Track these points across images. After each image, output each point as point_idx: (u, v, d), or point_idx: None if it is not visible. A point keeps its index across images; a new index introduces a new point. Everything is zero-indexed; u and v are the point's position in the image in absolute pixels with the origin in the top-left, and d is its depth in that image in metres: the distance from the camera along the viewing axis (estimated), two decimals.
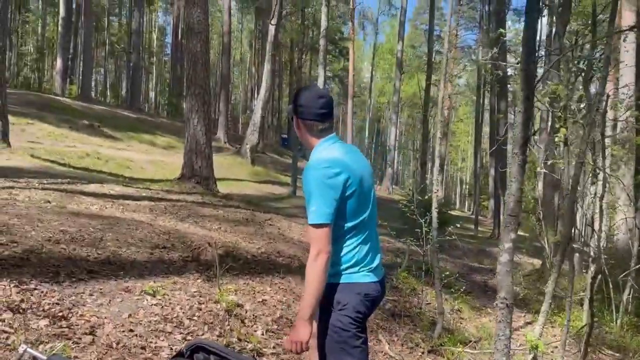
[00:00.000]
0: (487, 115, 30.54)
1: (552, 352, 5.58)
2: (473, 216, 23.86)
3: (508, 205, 2.67)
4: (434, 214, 5.17)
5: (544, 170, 6.62)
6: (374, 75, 55.81)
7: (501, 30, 6.11)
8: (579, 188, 6.84)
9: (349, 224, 2.21)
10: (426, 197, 7.23)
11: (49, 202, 5.84)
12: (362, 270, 2.25)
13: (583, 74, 6.24)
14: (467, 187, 51.12)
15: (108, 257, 4.37)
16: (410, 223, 8.54)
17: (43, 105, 20.19)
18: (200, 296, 4.18)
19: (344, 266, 2.22)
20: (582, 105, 6.18)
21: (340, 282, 2.21)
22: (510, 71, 15.91)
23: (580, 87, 6.46)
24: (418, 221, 6.00)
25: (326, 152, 2.20)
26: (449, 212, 16.48)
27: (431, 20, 22.30)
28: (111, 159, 16.36)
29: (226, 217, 7.47)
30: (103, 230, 5.01)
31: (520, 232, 13.88)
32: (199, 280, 4.51)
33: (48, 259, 3.96)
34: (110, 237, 4.89)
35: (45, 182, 7.69)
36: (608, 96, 6.60)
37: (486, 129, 32.10)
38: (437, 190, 5.39)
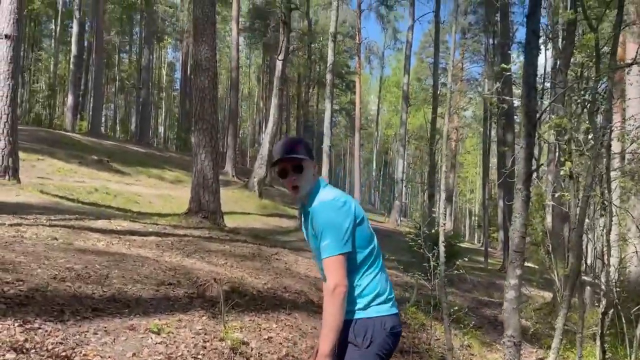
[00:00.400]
0: (494, 147, 30.55)
1: None
2: (482, 248, 23.65)
3: (513, 241, 2.65)
4: (442, 248, 5.13)
5: (552, 203, 6.57)
6: (381, 107, 56.35)
7: (503, 65, 6.18)
8: (587, 220, 6.78)
9: (365, 252, 2.24)
10: (434, 230, 7.18)
11: (56, 238, 5.86)
12: (388, 302, 2.27)
13: (588, 106, 6.26)
14: (477, 218, 50.80)
15: (113, 295, 4.36)
16: (419, 256, 8.48)
17: (53, 141, 20.46)
18: (205, 334, 4.15)
19: (368, 298, 2.22)
20: (589, 137, 6.19)
21: (366, 316, 2.20)
22: (516, 102, 15.99)
23: (587, 118, 6.48)
24: (426, 255, 5.95)
25: (326, 191, 2.27)
26: (458, 244, 16.36)
27: (436, 53, 22.56)
28: (120, 194, 16.45)
29: (233, 252, 7.45)
30: (109, 267, 5.01)
31: (530, 264, 13.75)
32: (204, 318, 4.47)
33: (53, 297, 3.95)
34: (116, 274, 4.88)
35: (53, 218, 7.73)
36: (611, 130, 6.59)
37: (494, 160, 32.04)
38: (445, 224, 5.36)
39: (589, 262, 9.13)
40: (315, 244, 2.26)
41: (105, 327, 3.75)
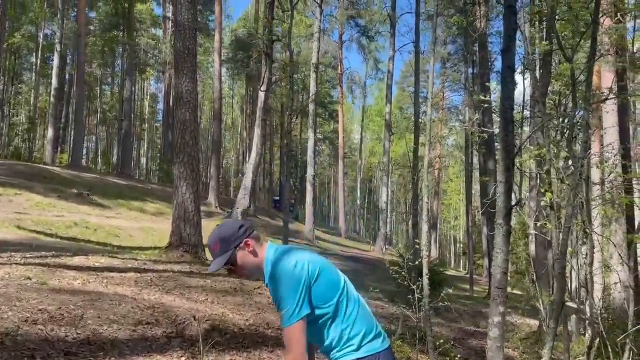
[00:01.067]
0: (477, 174, 30.81)
1: None
2: (468, 276, 23.57)
3: (495, 277, 2.60)
4: (425, 280, 5.06)
5: (534, 232, 6.56)
6: (364, 136, 56.75)
7: (482, 97, 6.24)
8: (569, 249, 6.78)
9: (334, 301, 2.17)
10: (418, 261, 7.10)
11: (29, 278, 5.67)
12: (378, 337, 2.23)
13: (567, 134, 6.31)
14: (461, 245, 50.85)
15: (88, 337, 4.20)
16: (404, 286, 8.39)
17: (32, 175, 20.16)
18: None
19: (357, 339, 2.17)
20: (569, 164, 6.22)
21: (359, 357, 2.16)
22: (497, 131, 16.17)
23: (566, 146, 6.53)
24: (410, 287, 5.87)
25: (275, 260, 2.19)
26: (443, 272, 16.27)
27: (417, 83, 22.87)
28: (100, 228, 16.19)
29: (214, 287, 7.29)
30: (84, 308, 4.85)
31: (516, 291, 13.66)
32: (183, 359, 4.33)
33: (24, 342, 3.79)
34: (91, 314, 4.72)
35: (28, 255, 7.53)
36: (589, 159, 6.64)
37: (477, 187, 32.28)
38: (428, 255, 5.30)
39: (574, 287, 9.11)
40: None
41: None
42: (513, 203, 2.68)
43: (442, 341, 6.29)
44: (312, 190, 27.14)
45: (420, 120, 22.46)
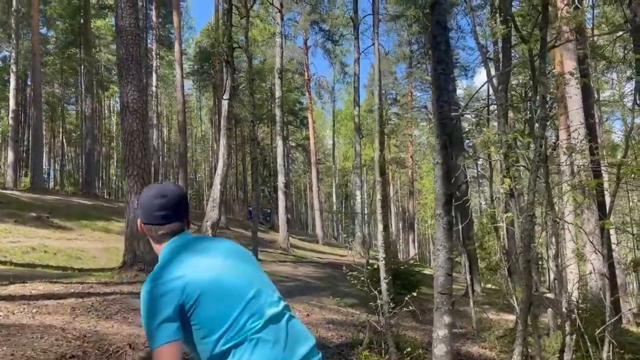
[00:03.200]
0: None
1: None
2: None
3: (437, 280, 2.14)
4: (384, 285, 4.60)
5: (503, 224, 6.17)
6: (336, 141, 56.41)
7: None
8: (539, 240, 6.40)
9: (220, 330, 1.67)
10: (375, 265, 6.62)
11: None
12: None
13: (529, 118, 5.96)
14: None
15: None
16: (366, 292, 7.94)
17: None
18: None
19: None
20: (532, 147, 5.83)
21: None
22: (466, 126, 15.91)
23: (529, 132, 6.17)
24: (371, 292, 5.41)
25: (162, 262, 1.82)
26: (419, 272, 15.82)
27: (380, 86, 22.59)
28: (60, 251, 15.41)
29: None
30: None
31: (491, 286, 13.26)
32: None
33: None
34: (4, 351, 4.13)
35: None
36: (557, 144, 6.30)
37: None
38: (384, 259, 4.85)
39: (552, 278, 8.76)
40: None
41: None
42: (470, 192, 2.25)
43: (409, 349, 5.85)
44: (284, 197, 26.61)
45: (388, 122, 22.16)
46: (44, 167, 35.73)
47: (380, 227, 5.51)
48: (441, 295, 2.15)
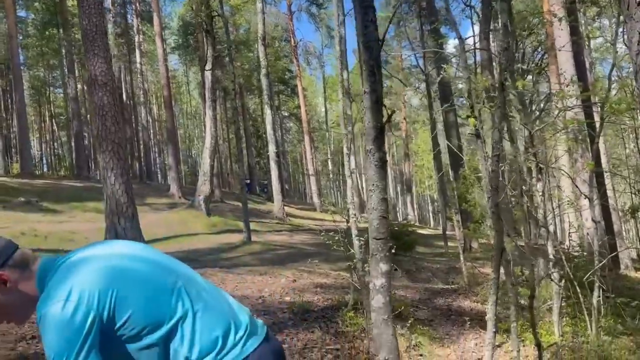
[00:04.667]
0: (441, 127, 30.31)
1: None
2: (440, 232, 23.19)
3: (371, 224, 1.90)
4: (356, 243, 4.40)
5: (484, 173, 5.92)
6: (329, 107, 55.86)
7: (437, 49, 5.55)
8: (524, 187, 6.18)
9: (164, 323, 1.48)
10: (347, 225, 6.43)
11: None
12: (238, 343, 1.54)
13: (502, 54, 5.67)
14: (437, 204, 50.79)
15: None
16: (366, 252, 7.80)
17: None
18: None
19: (212, 356, 1.49)
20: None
21: None
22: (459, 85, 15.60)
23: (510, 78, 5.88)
24: (347, 252, 5.21)
25: (53, 284, 1.45)
26: (413, 232, 15.70)
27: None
28: (51, 234, 15.23)
29: None
30: None
31: (483, 240, 13.10)
32: None
33: None
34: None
35: None
36: (550, 95, 6.01)
37: (444, 145, 31.83)
38: (355, 215, 4.63)
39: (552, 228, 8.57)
40: None
41: None
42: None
43: (402, 308, 5.70)
44: (276, 167, 26.35)
45: (384, 84, 21.80)
46: (32, 152, 35.34)
47: (349, 182, 5.29)
48: (376, 240, 1.91)
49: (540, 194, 6.06)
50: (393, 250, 5.86)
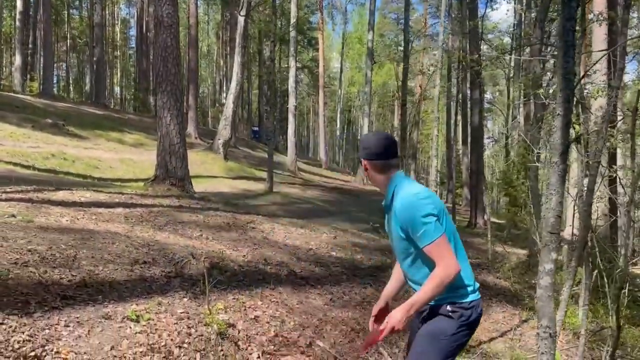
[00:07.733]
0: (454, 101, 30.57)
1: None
2: (450, 205, 23.82)
3: (547, 220, 2.41)
4: None
5: (538, 164, 6.40)
6: (344, 65, 55.50)
7: (471, 22, 5.84)
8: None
9: (452, 243, 2.29)
10: None
11: (14, 215, 5.34)
12: (477, 289, 2.38)
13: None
14: (439, 174, 51.39)
15: (84, 279, 3.95)
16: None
17: (2, 104, 19.29)
18: (188, 318, 3.82)
19: (467, 283, 2.32)
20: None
21: (468, 300, 2.29)
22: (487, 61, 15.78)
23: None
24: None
25: (407, 187, 2.32)
26: None
27: (407, 8, 22.08)
28: (78, 159, 15.69)
29: (207, 223, 7.07)
30: (76, 247, 4.58)
31: (496, 220, 13.67)
32: (185, 299, 4.14)
33: (16, 286, 3.53)
34: (84, 254, 4.46)
35: (8, 190, 7.15)
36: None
37: (458, 118, 32.14)
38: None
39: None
40: (397, 237, 2.35)
41: (77, 318, 3.37)
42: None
43: None
44: (293, 120, 26.69)
45: (410, 49, 21.89)
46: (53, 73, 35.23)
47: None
48: (550, 234, 2.42)
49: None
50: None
